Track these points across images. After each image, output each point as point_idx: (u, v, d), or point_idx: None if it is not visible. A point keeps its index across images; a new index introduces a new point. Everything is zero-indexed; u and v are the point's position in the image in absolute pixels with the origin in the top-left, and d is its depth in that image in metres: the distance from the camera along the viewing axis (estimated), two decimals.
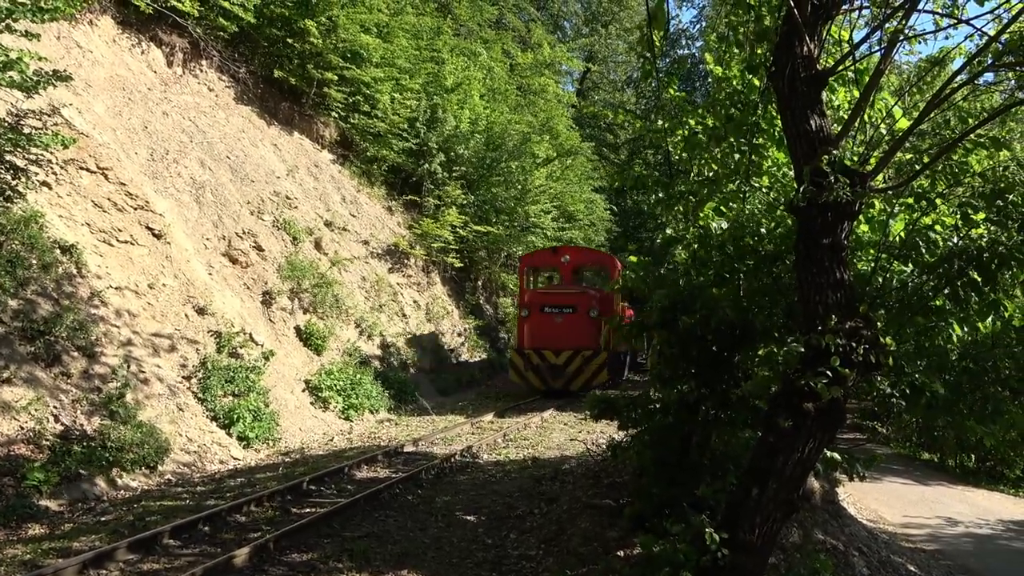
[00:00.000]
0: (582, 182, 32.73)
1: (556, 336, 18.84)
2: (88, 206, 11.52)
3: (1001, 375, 6.00)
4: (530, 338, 19.20)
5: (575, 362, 18.72)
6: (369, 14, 20.04)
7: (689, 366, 6.52)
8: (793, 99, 4.97)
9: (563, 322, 18.98)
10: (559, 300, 19.47)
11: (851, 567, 6.30)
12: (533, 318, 19.34)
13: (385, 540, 6.84)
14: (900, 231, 5.62)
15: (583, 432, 13.29)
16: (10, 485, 7.57)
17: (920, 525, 8.83)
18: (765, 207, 6.52)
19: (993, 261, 4.72)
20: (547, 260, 22.22)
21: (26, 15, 8.43)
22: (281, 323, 14.91)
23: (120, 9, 15.22)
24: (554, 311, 19.19)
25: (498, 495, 8.65)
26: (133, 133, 13.91)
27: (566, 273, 21.36)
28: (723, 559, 4.36)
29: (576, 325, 18.87)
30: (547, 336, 18.97)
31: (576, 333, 18.81)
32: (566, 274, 21.36)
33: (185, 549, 6.52)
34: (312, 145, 20.34)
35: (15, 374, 8.55)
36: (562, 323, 18.97)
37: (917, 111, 5.68)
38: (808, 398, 4.40)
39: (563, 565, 6.01)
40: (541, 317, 19.18)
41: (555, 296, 19.76)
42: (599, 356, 18.76)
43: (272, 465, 10.36)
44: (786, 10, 4.87)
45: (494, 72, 29.25)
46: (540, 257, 22.74)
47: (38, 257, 9.72)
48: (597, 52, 44.75)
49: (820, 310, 4.66)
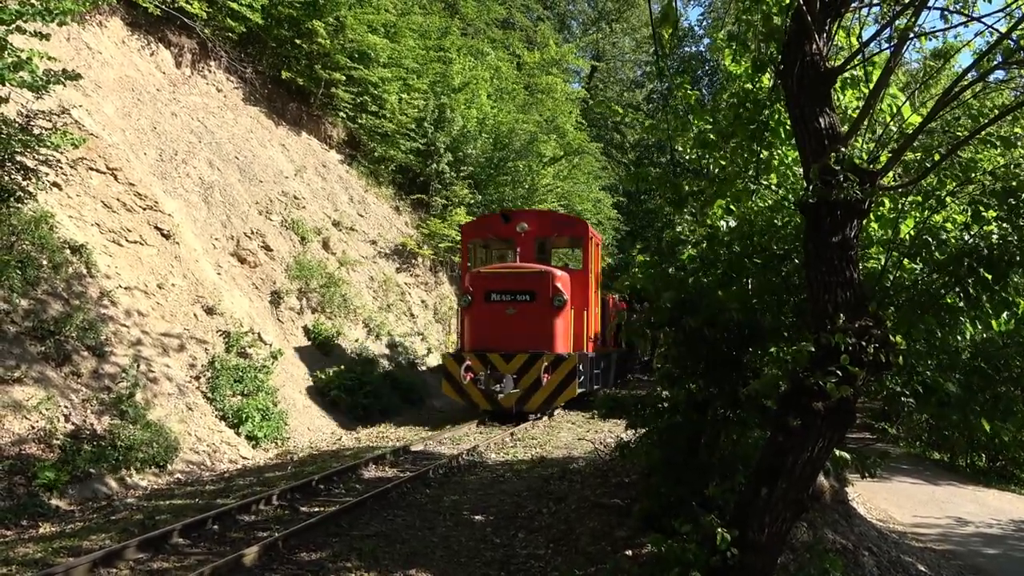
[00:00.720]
0: (590, 181, 32.68)
1: (507, 334, 14.03)
2: (98, 206, 11.58)
3: (1013, 374, 5.96)
4: (472, 337, 14.48)
5: (532, 371, 13.71)
6: (376, 14, 20.08)
7: (697, 365, 6.50)
8: (802, 97, 4.95)
9: (517, 314, 14.09)
10: (511, 283, 14.35)
11: (861, 567, 6.27)
12: (476, 309, 14.46)
13: (393, 539, 6.85)
14: (911, 229, 5.59)
15: (591, 431, 13.28)
16: (21, 484, 7.62)
17: (930, 525, 8.79)
18: (774, 205, 6.50)
19: (1004, 259, 4.69)
20: (497, 230, 16.50)
21: (35, 17, 8.47)
22: (289, 323, 14.96)
23: (129, 11, 15.29)
24: (504, 299, 14.28)
25: (506, 494, 8.65)
26: (142, 134, 13.98)
27: (525, 248, 15.92)
28: (732, 559, 4.34)
29: (535, 318, 14.06)
30: (495, 334, 14.12)
31: (535, 329, 14.01)
32: (525, 249, 15.90)
33: (194, 548, 6.54)
34: (320, 145, 20.39)
35: (26, 374, 8.60)
36: (516, 316, 14.08)
37: (926, 108, 5.65)
38: (817, 397, 4.38)
39: (572, 564, 6.01)
40: (487, 308, 14.31)
41: (505, 277, 14.56)
42: (566, 362, 13.82)
43: (281, 464, 10.39)
44: (795, 8, 4.84)
45: (501, 71, 29.24)
46: (488, 226, 17.14)
47: (48, 257, 9.77)
48: (604, 51, 44.68)
49: (829, 309, 4.63)
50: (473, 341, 14.46)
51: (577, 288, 15.26)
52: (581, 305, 15.32)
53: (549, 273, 14.56)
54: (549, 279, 14.41)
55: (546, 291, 14.27)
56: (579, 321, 15.10)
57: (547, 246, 17.17)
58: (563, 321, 14.40)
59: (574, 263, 19.89)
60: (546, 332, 14.12)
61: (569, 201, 29.95)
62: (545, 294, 14.25)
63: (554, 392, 13.86)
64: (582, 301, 15.38)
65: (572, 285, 14.98)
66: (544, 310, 14.20)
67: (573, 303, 14.80)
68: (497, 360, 13.93)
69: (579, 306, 15.22)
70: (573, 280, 15.24)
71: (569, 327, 14.58)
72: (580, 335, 15.08)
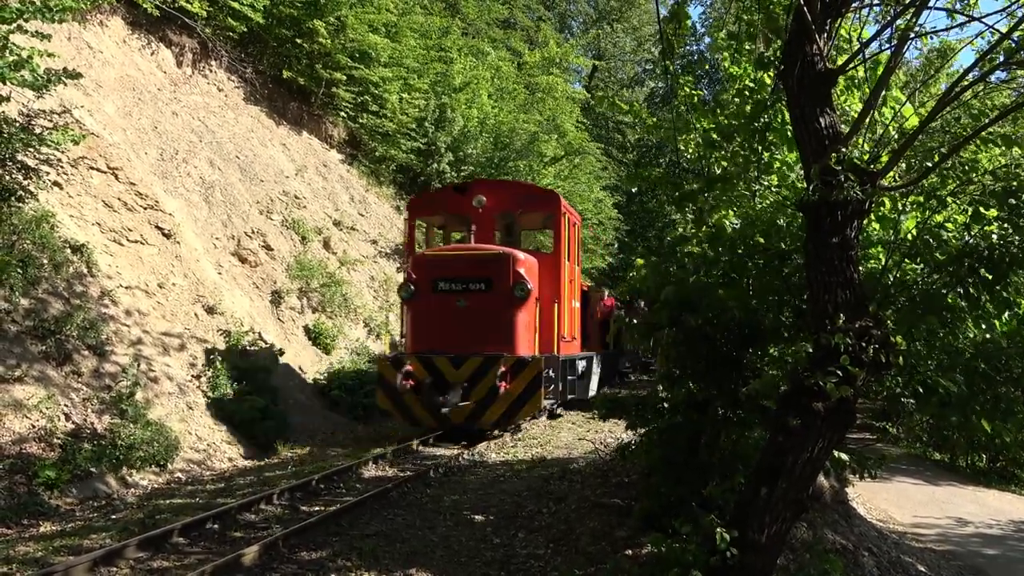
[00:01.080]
0: (591, 181, 32.69)
1: (458, 332, 11.69)
2: (99, 206, 11.59)
3: (1013, 374, 5.96)
4: (415, 336, 12.12)
5: (487, 378, 11.28)
6: (377, 14, 20.09)
7: (697, 365, 6.51)
8: (802, 97, 4.95)
9: (470, 308, 11.72)
10: (462, 269, 11.91)
11: (861, 567, 6.27)
12: (420, 302, 12.05)
13: (394, 539, 6.85)
14: (912, 228, 5.59)
15: (591, 431, 13.28)
16: (22, 483, 7.62)
17: (930, 525, 8.78)
18: (776, 205, 6.50)
19: (1004, 259, 4.69)
20: (451, 205, 13.91)
21: (36, 15, 8.48)
22: (290, 322, 14.96)
23: (130, 10, 15.30)
24: (454, 288, 11.82)
25: (506, 494, 8.65)
26: (143, 133, 13.98)
27: (484, 226, 13.33)
28: (732, 559, 4.34)
29: (491, 313, 11.71)
30: (443, 333, 11.76)
31: (491, 326, 11.67)
32: (484, 228, 13.34)
33: (195, 547, 6.55)
34: (321, 145, 20.40)
35: (27, 373, 8.60)
36: (468, 310, 11.73)
37: (927, 109, 5.65)
38: (817, 397, 4.38)
39: (572, 564, 6.01)
40: (433, 300, 11.91)
41: (455, 262, 12.10)
42: (530, 367, 11.43)
43: (281, 463, 10.39)
44: (796, 8, 4.85)
45: (502, 71, 29.25)
46: (439, 200, 14.57)
47: (49, 257, 9.78)
48: (605, 51, 44.70)
49: (829, 309, 4.64)
50: (416, 341, 12.01)
51: (547, 276, 12.81)
52: (551, 296, 12.84)
53: (509, 256, 11.96)
54: (508, 263, 11.82)
55: (505, 278, 11.71)
56: (548, 316, 12.59)
57: (516, 226, 14.47)
58: (527, 316, 11.95)
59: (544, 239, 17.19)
60: (505, 329, 11.68)
61: (570, 201, 29.94)
62: (504, 282, 11.70)
63: (514, 404, 11.41)
64: (553, 292, 12.90)
65: (540, 272, 12.62)
66: (502, 302, 11.69)
67: (541, 294, 12.49)
68: (444, 365, 11.48)
69: (548, 297, 12.76)
70: (541, 266, 12.84)
71: (534, 323, 12.13)
72: (549, 333, 12.56)
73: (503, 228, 14.06)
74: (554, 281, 13.09)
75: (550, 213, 13.88)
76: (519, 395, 11.43)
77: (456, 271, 11.95)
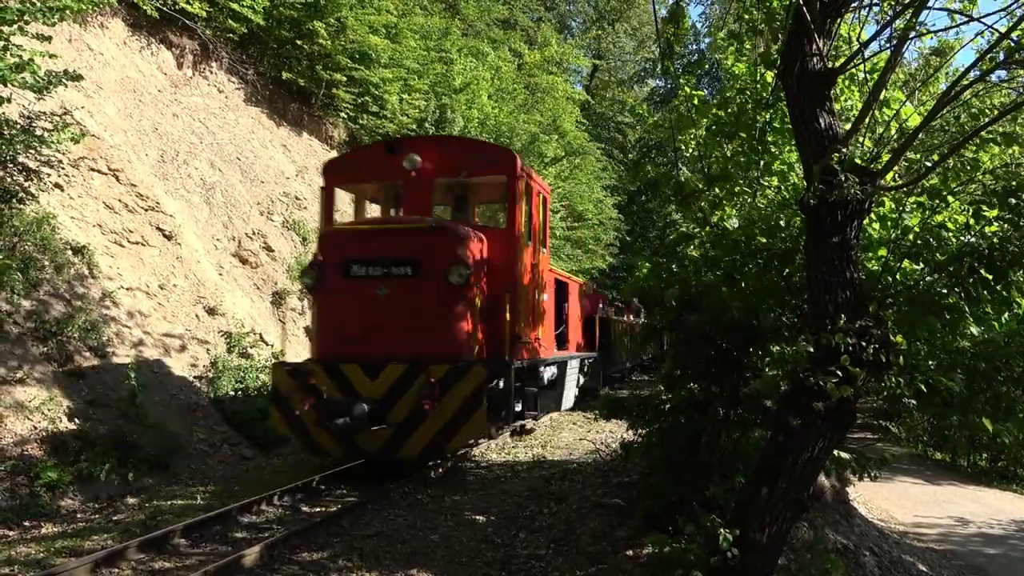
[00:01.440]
0: (591, 182, 32.68)
1: (376, 330, 8.87)
2: (99, 207, 11.60)
3: (1014, 374, 5.97)
4: (322, 337, 9.45)
5: (410, 393, 8.51)
6: (378, 15, 20.09)
7: (698, 365, 6.52)
8: (802, 97, 4.96)
9: (392, 298, 8.90)
10: (383, 247, 9.12)
11: (862, 567, 6.28)
12: (330, 292, 9.25)
13: (395, 539, 6.85)
14: (915, 226, 5.60)
15: (592, 431, 13.28)
16: (24, 484, 7.64)
17: (931, 525, 8.78)
18: (776, 206, 6.51)
19: (1005, 259, 4.69)
20: (378, 170, 10.63)
21: (36, 17, 8.49)
22: (291, 323, 14.97)
23: (131, 12, 15.31)
24: (373, 273, 9.01)
25: (507, 494, 8.65)
26: (144, 135, 14.00)
27: (418, 194, 10.30)
28: (733, 559, 4.35)
29: (420, 305, 8.90)
30: (358, 332, 8.95)
31: (419, 324, 8.86)
32: (418, 196, 10.31)
33: (196, 548, 6.55)
34: (321, 146, 20.41)
35: (28, 374, 8.62)
36: (390, 301, 8.89)
37: (926, 108, 5.66)
38: (818, 397, 4.39)
39: (573, 565, 6.01)
40: (346, 288, 9.08)
41: (374, 238, 9.40)
42: (468, 377, 8.56)
43: (283, 464, 10.40)
44: (795, 7, 4.85)
45: (502, 72, 29.26)
46: (367, 163, 11.01)
47: (50, 258, 9.80)
48: (605, 51, 44.71)
49: (830, 309, 4.64)
50: (324, 343, 9.28)
51: (499, 259, 9.74)
52: (503, 284, 9.71)
53: (444, 230, 9.30)
54: (442, 240, 9.09)
55: (438, 260, 8.82)
56: (498, 310, 9.48)
57: (467, 197, 11.34)
58: (467, 308, 8.99)
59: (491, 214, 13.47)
60: (438, 327, 8.83)
61: (571, 202, 29.95)
62: (436, 265, 8.79)
63: (448, 427, 8.48)
64: (507, 278, 9.81)
65: (488, 253, 9.61)
66: (435, 291, 8.82)
67: (490, 281, 9.53)
68: (355, 375, 8.65)
69: (499, 285, 9.64)
70: (491, 245, 9.70)
71: (474, 318, 9.10)
72: (499, 332, 9.45)
73: (453, 200, 11.32)
74: (509, 265, 9.91)
75: (504, 177, 10.23)
76: (453, 415, 8.46)
77: (375, 251, 9.01)
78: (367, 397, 8.50)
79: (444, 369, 8.54)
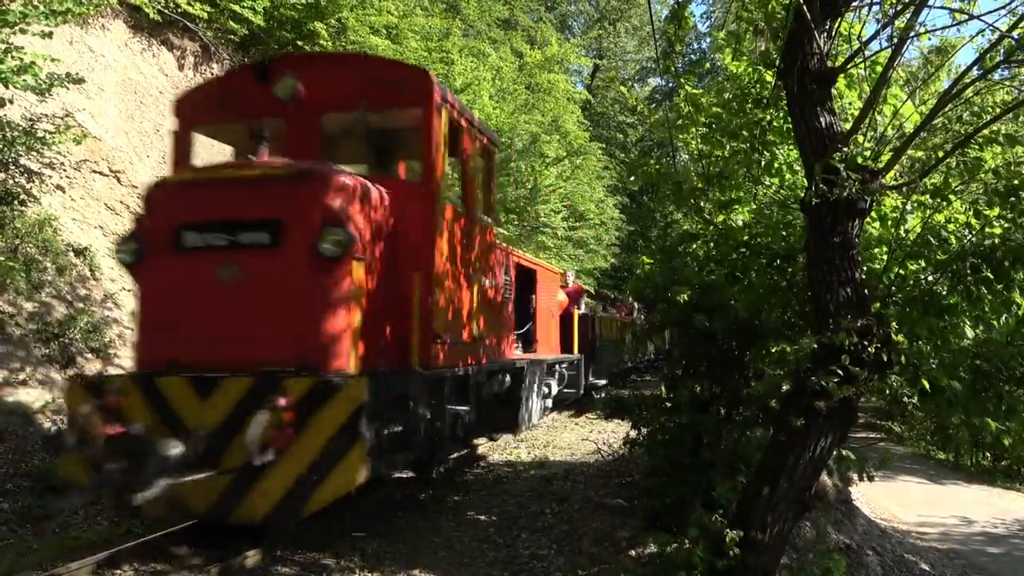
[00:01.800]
0: (593, 182, 32.65)
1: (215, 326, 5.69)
2: (101, 209, 11.62)
3: (1015, 373, 5.95)
4: (143, 336, 6.16)
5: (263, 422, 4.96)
6: (379, 16, 20.09)
7: (700, 365, 6.52)
8: (802, 97, 4.95)
9: (240, 281, 5.63)
10: (227, 204, 5.80)
11: (865, 566, 6.27)
12: (155, 270, 6.01)
13: (396, 539, 6.85)
14: (916, 226, 5.59)
15: (594, 432, 13.27)
16: (26, 486, 7.65)
17: (934, 524, 8.77)
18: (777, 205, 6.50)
19: (1006, 258, 4.68)
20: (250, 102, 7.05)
21: (39, 19, 8.50)
22: None
23: (132, 14, 15.32)
24: (215, 244, 5.73)
25: (509, 495, 8.65)
26: (145, 136, 14.01)
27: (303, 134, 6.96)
28: (735, 558, 4.35)
29: (278, 288, 5.59)
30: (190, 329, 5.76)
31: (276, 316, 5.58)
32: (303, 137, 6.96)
33: (198, 549, 6.55)
34: None
35: (31, 376, 8.63)
36: (238, 284, 5.62)
37: (927, 107, 5.65)
38: (819, 397, 4.38)
39: (575, 565, 6.01)
40: (177, 266, 5.85)
41: (216, 191, 5.95)
42: (338, 398, 5.15)
43: None
44: (795, 6, 4.85)
45: (503, 72, 29.25)
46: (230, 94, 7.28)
47: (52, 260, 9.81)
48: (606, 50, 44.69)
49: (831, 308, 4.64)
50: (144, 346, 6.20)
51: (409, 224, 6.59)
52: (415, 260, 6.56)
53: (313, 176, 5.84)
54: (310, 191, 5.78)
55: (304, 220, 5.67)
56: (403, 295, 6.41)
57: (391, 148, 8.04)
58: (347, 293, 5.77)
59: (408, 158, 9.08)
60: (299, 320, 5.64)
61: (572, 201, 29.91)
62: (301, 228, 5.66)
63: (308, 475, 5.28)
64: (422, 253, 6.65)
65: (391, 214, 6.45)
66: (299, 267, 5.65)
67: (391, 254, 6.38)
68: (181, 392, 5.56)
69: (408, 261, 6.50)
70: (395, 203, 6.51)
71: (359, 306, 5.88)
72: (404, 328, 6.40)
73: (367, 152, 8.01)
74: (425, 234, 6.71)
75: (416, 108, 6.88)
76: (317, 457, 5.26)
77: (216, 209, 5.86)
78: (192, 428, 5.36)
79: (306, 384, 5.29)
